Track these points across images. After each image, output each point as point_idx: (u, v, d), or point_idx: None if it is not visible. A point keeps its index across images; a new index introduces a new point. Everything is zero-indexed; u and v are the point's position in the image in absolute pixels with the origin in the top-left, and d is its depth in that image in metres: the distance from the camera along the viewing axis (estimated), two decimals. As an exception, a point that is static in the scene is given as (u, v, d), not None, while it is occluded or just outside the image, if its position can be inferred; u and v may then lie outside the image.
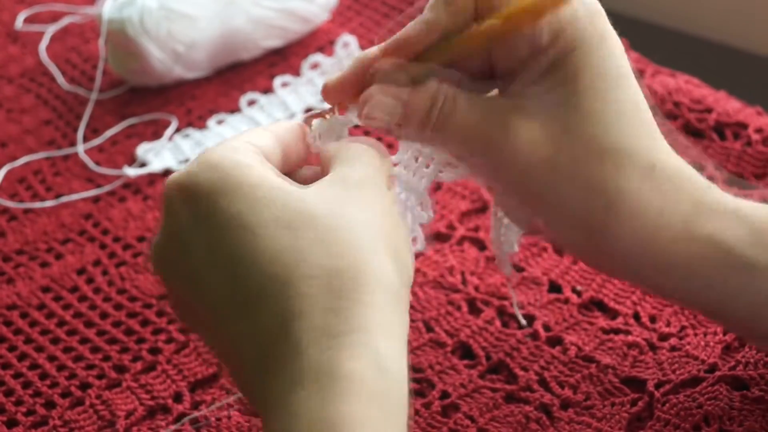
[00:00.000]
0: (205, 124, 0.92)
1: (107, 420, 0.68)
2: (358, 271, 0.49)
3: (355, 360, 0.47)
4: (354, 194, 0.51)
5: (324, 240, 0.49)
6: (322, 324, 0.47)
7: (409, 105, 0.54)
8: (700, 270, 0.55)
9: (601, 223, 0.54)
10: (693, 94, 0.84)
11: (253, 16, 0.94)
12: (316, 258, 0.49)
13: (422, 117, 0.55)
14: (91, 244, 0.81)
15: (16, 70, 1.00)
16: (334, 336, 0.47)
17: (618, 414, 0.63)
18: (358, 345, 0.47)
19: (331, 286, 0.48)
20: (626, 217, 0.54)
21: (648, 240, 0.54)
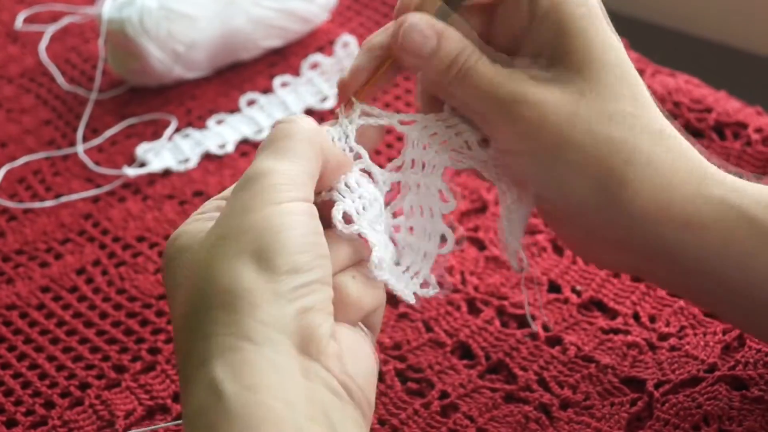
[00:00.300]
0: (204, 124, 0.92)
1: (106, 420, 0.68)
2: (201, 301, 0.49)
3: (195, 396, 0.48)
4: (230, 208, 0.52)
5: (191, 274, 0.51)
6: (182, 367, 0.50)
7: (443, 39, 0.56)
8: (716, 229, 0.55)
9: (620, 177, 0.55)
10: (693, 94, 0.84)
11: (253, 16, 0.94)
12: (180, 300, 0.51)
13: (451, 57, 0.56)
14: (91, 244, 0.81)
15: (15, 70, 1.00)
16: (186, 380, 0.49)
17: (617, 414, 0.63)
18: (197, 381, 0.48)
19: (185, 330, 0.50)
20: (644, 173, 0.55)
21: (664, 198, 0.55)
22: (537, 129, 0.55)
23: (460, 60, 0.56)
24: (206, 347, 0.48)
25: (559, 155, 0.55)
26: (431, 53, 0.56)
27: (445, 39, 0.56)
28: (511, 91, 0.55)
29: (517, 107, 0.55)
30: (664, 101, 0.83)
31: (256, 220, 0.50)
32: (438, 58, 0.56)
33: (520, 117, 0.55)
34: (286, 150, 0.52)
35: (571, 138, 0.55)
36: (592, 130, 0.55)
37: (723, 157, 0.79)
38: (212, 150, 0.89)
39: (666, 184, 0.55)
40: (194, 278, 0.50)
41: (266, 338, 0.48)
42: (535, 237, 0.75)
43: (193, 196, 0.85)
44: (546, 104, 0.55)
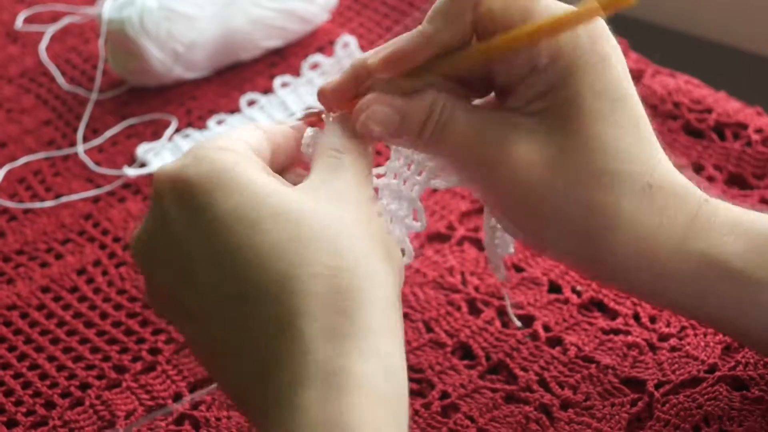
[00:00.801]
0: (205, 125, 0.92)
1: (107, 420, 0.68)
2: (359, 272, 0.49)
3: (365, 362, 0.47)
4: (343, 197, 0.51)
5: (325, 238, 0.49)
6: (328, 324, 0.47)
7: (406, 115, 0.54)
8: (696, 284, 0.55)
9: (599, 242, 0.55)
10: (693, 94, 0.84)
11: (253, 16, 0.94)
12: (319, 255, 0.48)
13: (418, 127, 0.55)
14: (91, 245, 0.81)
15: (16, 70, 1.00)
16: (341, 337, 0.47)
17: (618, 414, 0.63)
18: (367, 347, 0.47)
19: (335, 286, 0.48)
20: (624, 236, 0.54)
21: (645, 256, 0.55)
22: (513, 191, 0.55)
23: (432, 121, 0.54)
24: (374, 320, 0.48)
25: (538, 215, 0.55)
26: (399, 128, 0.55)
27: (410, 112, 0.54)
28: (488, 152, 0.54)
29: (493, 169, 0.54)
30: (664, 101, 0.83)
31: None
32: (408, 130, 0.55)
33: (498, 177, 0.55)
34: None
35: (548, 201, 0.54)
36: (571, 193, 0.54)
37: (723, 158, 0.79)
38: (212, 150, 0.89)
39: (647, 244, 0.55)
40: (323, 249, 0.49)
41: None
42: (536, 237, 0.75)
43: (193, 196, 0.85)
44: (523, 166, 0.54)
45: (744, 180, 0.78)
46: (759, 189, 0.77)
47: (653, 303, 0.63)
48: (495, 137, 0.54)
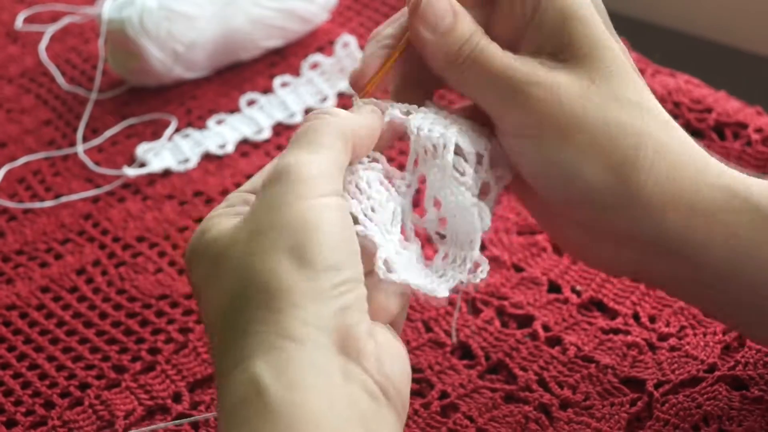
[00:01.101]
0: (204, 124, 0.92)
1: (106, 420, 0.68)
2: (243, 299, 0.49)
3: (233, 391, 0.48)
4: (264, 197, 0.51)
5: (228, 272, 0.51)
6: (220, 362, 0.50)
7: (459, 16, 0.56)
8: (722, 216, 0.55)
9: (632, 161, 0.55)
10: (693, 94, 0.84)
11: (253, 16, 0.94)
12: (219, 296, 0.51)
13: (466, 35, 0.56)
14: (91, 245, 0.81)
15: (15, 70, 1.00)
16: (221, 375, 0.49)
17: (617, 414, 0.63)
18: (235, 377, 0.48)
19: (223, 325, 0.50)
20: (653, 158, 0.55)
21: (672, 184, 0.55)
22: (549, 109, 0.55)
23: (474, 41, 0.56)
24: (247, 344, 0.48)
25: (569, 137, 0.55)
26: (447, 30, 0.56)
27: (461, 18, 0.57)
28: (524, 72, 0.56)
29: (529, 88, 0.55)
30: (664, 101, 0.83)
31: (290, 216, 0.50)
32: (453, 36, 0.56)
33: (533, 97, 0.55)
34: (314, 143, 0.52)
35: (583, 120, 0.55)
36: (603, 113, 0.55)
37: (723, 157, 0.79)
38: (212, 150, 0.89)
39: (673, 171, 0.55)
40: (230, 274, 0.50)
41: (308, 337, 0.48)
42: (535, 237, 0.75)
43: (193, 196, 0.85)
44: (558, 86, 0.55)
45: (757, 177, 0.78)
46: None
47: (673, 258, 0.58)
48: (529, 65, 0.56)
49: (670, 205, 0.55)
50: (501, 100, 0.57)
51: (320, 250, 0.49)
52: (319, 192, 0.50)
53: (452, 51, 0.57)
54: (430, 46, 0.57)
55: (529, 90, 0.55)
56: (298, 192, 0.50)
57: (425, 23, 0.56)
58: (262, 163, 0.86)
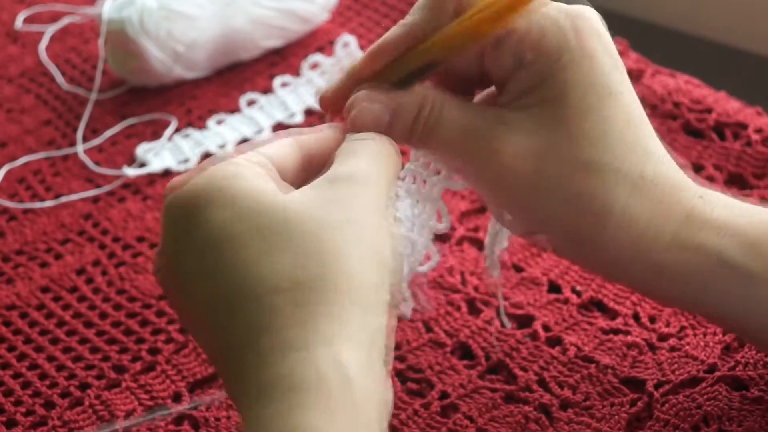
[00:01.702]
0: (204, 124, 0.92)
1: (106, 420, 0.68)
2: (326, 281, 0.48)
3: (319, 373, 0.46)
4: (339, 192, 0.50)
5: (295, 249, 0.48)
6: (286, 338, 0.47)
7: (396, 112, 0.55)
8: (694, 277, 0.55)
9: (590, 236, 0.55)
10: (693, 94, 0.84)
11: (253, 16, 0.94)
12: (285, 269, 0.48)
13: (408, 124, 0.55)
14: (91, 245, 0.81)
15: (15, 70, 1.00)
16: (296, 350, 0.47)
17: (617, 414, 0.63)
18: (319, 359, 0.47)
19: (297, 299, 0.48)
20: (614, 231, 0.54)
21: (638, 250, 0.55)
22: (504, 184, 0.55)
23: (422, 118, 0.55)
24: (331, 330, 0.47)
25: (529, 209, 0.56)
26: (390, 126, 0.55)
27: (400, 109, 0.55)
28: (477, 147, 0.55)
29: (484, 163, 0.55)
30: (664, 101, 0.83)
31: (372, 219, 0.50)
32: (398, 127, 0.55)
33: (489, 172, 0.55)
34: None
35: (538, 196, 0.55)
36: (561, 185, 0.54)
37: (723, 158, 0.79)
38: (212, 150, 0.89)
39: (639, 239, 0.54)
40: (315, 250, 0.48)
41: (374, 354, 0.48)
42: (536, 237, 0.75)
43: (193, 196, 0.85)
44: (512, 159, 0.54)
45: (744, 180, 0.78)
46: (759, 189, 0.77)
47: (653, 298, 0.62)
48: (485, 132, 0.55)
49: (636, 265, 0.55)
50: (467, 161, 0.56)
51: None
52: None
53: (404, 137, 0.55)
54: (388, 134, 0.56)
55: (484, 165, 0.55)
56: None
57: (364, 130, 0.55)
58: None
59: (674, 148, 0.80)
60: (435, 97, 0.55)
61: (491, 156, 0.54)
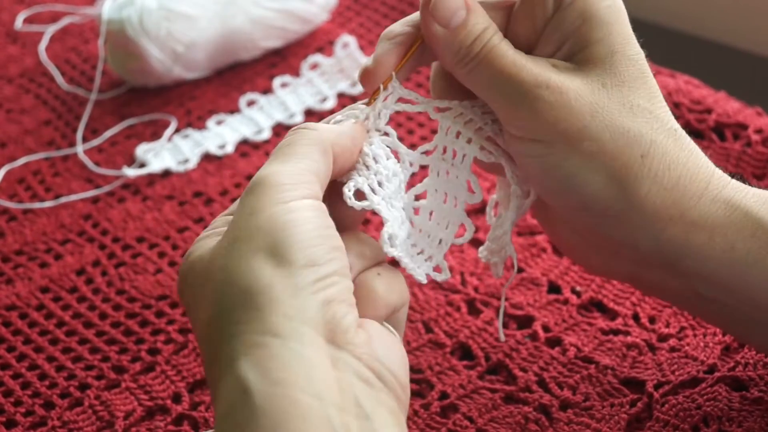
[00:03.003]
0: (204, 125, 0.92)
1: (106, 421, 0.68)
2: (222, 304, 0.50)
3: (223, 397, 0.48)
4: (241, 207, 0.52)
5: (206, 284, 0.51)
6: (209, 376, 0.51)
7: (472, 11, 0.56)
8: (722, 230, 0.56)
9: (636, 171, 0.55)
10: (693, 95, 0.84)
11: (253, 16, 0.94)
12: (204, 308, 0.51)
13: (478, 31, 0.56)
14: (91, 245, 0.81)
15: (15, 70, 1.00)
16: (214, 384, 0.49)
17: (617, 415, 0.63)
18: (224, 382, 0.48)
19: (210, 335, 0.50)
20: (658, 168, 0.55)
21: (675, 195, 0.55)
22: (557, 114, 0.55)
23: (485, 37, 0.56)
24: (232, 348, 0.48)
25: (576, 144, 0.55)
26: (459, 25, 0.56)
27: (474, 13, 0.56)
28: (534, 73, 0.55)
29: (538, 90, 0.55)
30: (664, 102, 0.83)
31: (265, 219, 0.50)
32: (465, 31, 0.56)
33: (542, 100, 0.55)
34: (289, 154, 0.53)
35: (591, 127, 0.55)
36: (611, 121, 0.55)
37: (723, 158, 0.79)
38: (212, 150, 0.89)
39: (677, 183, 0.55)
40: (213, 283, 0.50)
41: (291, 331, 0.48)
42: (535, 238, 0.75)
43: (192, 196, 0.85)
44: (568, 90, 0.55)
45: (744, 180, 0.77)
46: (759, 189, 0.76)
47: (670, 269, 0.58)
48: (541, 66, 0.56)
49: (670, 218, 0.56)
50: (509, 102, 0.56)
51: (296, 247, 0.49)
52: (293, 196, 0.51)
53: (463, 47, 0.56)
54: (442, 42, 0.57)
55: (538, 93, 0.55)
56: (273, 197, 0.51)
57: (437, 17, 0.56)
58: (261, 163, 0.85)
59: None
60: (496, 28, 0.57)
61: (549, 84, 0.55)
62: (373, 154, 0.56)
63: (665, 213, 0.55)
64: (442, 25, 0.56)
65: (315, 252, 0.50)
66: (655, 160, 0.55)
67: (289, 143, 0.54)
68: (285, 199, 0.50)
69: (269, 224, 0.50)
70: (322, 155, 0.53)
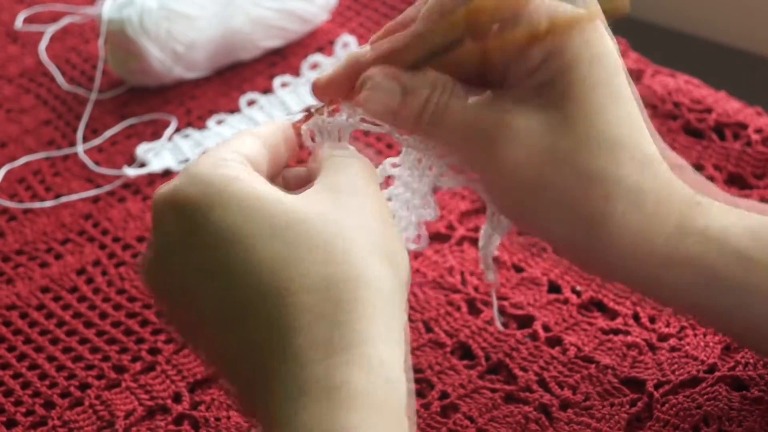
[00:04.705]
0: (204, 125, 0.92)
1: (106, 420, 0.68)
2: (356, 280, 0.48)
3: (362, 374, 0.46)
4: (345, 200, 0.51)
5: (319, 248, 0.49)
6: (324, 338, 0.47)
7: (409, 89, 0.54)
8: (698, 264, 0.55)
9: (600, 214, 0.54)
10: (693, 94, 0.84)
11: (253, 16, 0.94)
12: (313, 267, 0.48)
13: (419, 107, 0.55)
14: (91, 245, 0.81)
15: (15, 70, 1.00)
16: (338, 351, 0.47)
17: (617, 414, 0.63)
18: (364, 358, 0.47)
19: (330, 297, 0.48)
20: (625, 207, 0.54)
21: (646, 232, 0.54)
22: (514, 167, 0.54)
23: (431, 103, 0.55)
24: (369, 328, 0.47)
25: (537, 193, 0.55)
26: (398, 108, 0.55)
27: (412, 89, 0.55)
28: (485, 128, 0.54)
29: (493, 145, 0.54)
30: (664, 101, 0.83)
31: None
32: (409, 110, 0.55)
33: (496, 155, 0.54)
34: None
35: (550, 176, 0.54)
36: (573, 163, 0.54)
37: (723, 158, 0.79)
38: (212, 150, 0.89)
39: (648, 218, 0.54)
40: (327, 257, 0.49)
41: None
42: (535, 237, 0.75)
43: (193, 196, 0.85)
44: (523, 139, 0.54)
45: (744, 180, 0.78)
46: (759, 189, 0.77)
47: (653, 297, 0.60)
48: (495, 114, 0.54)
49: (643, 255, 0.55)
50: (467, 158, 0.56)
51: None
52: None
53: (412, 122, 0.55)
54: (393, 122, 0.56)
55: (491, 148, 0.54)
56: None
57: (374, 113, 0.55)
58: (262, 163, 0.86)
59: (674, 148, 0.79)
60: (446, 80, 0.55)
61: (502, 134, 0.54)
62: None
63: (635, 252, 0.55)
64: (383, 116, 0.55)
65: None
66: (621, 200, 0.54)
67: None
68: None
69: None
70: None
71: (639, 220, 0.54)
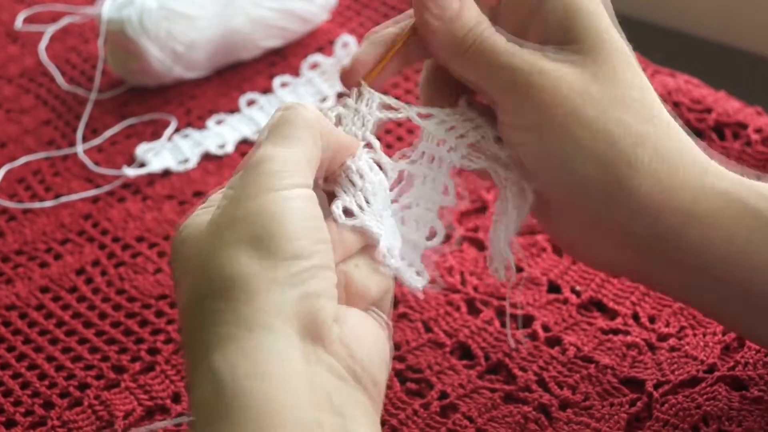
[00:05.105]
0: (204, 124, 0.92)
1: (105, 420, 0.68)
2: (201, 291, 0.49)
3: (198, 387, 0.48)
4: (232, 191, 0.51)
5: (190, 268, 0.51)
6: (185, 362, 0.50)
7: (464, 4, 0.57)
8: (720, 221, 0.55)
9: (628, 159, 0.55)
10: (693, 94, 0.84)
11: (253, 16, 0.94)
12: (185, 291, 0.51)
13: (471, 23, 0.57)
14: (90, 245, 0.81)
15: (15, 70, 1.00)
16: (189, 373, 0.49)
17: (617, 414, 0.63)
18: (200, 372, 0.48)
19: (187, 322, 0.50)
20: (651, 158, 0.55)
21: (669, 186, 0.55)
22: (550, 100, 0.55)
23: (479, 29, 0.57)
24: (207, 337, 0.48)
25: (569, 131, 0.55)
26: (453, 16, 0.57)
27: (467, 5, 0.57)
28: (528, 60, 0.56)
29: (532, 78, 0.55)
30: (664, 101, 0.82)
31: (253, 207, 0.50)
32: (459, 23, 0.57)
33: (536, 86, 0.55)
34: (285, 136, 0.52)
35: (584, 114, 0.55)
36: (603, 109, 0.55)
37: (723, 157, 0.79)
38: (212, 150, 0.89)
39: (671, 172, 0.55)
40: (195, 268, 0.50)
41: (265, 325, 0.48)
42: (535, 237, 0.75)
43: (192, 196, 0.85)
44: (561, 78, 0.55)
45: (759, 178, 0.77)
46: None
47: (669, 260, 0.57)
48: (534, 55, 0.56)
49: (665, 209, 0.55)
50: (503, 90, 0.57)
51: (281, 239, 0.49)
52: (285, 184, 0.50)
53: (457, 38, 0.57)
54: (436, 34, 0.57)
55: (531, 80, 0.55)
56: (263, 184, 0.50)
57: (431, 10, 0.57)
58: (261, 163, 0.86)
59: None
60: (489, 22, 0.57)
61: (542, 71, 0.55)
62: (358, 168, 0.56)
63: (659, 203, 0.55)
64: (437, 18, 0.57)
65: (300, 245, 0.49)
66: (648, 151, 0.55)
67: (284, 123, 0.53)
68: (276, 187, 0.50)
69: (256, 213, 0.50)
70: (315, 142, 0.53)
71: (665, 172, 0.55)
